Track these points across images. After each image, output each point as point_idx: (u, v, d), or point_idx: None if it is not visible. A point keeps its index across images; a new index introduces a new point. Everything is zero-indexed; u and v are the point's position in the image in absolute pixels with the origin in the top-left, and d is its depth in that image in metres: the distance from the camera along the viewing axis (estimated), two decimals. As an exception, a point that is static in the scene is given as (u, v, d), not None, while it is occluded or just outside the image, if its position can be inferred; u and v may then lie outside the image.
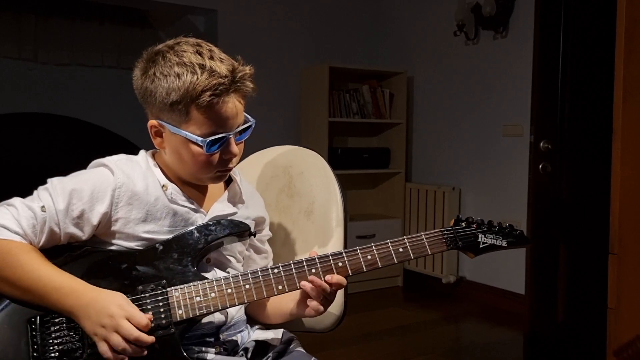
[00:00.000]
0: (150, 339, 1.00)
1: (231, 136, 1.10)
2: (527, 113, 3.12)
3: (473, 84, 3.86)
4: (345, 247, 1.33)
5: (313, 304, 1.10)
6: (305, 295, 1.12)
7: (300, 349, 1.25)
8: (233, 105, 1.08)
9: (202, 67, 1.05)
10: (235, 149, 1.11)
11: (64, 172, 1.12)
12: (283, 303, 1.21)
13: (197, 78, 1.04)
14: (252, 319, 1.28)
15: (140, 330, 1.00)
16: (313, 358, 1.22)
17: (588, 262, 2.62)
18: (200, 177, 1.14)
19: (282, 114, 4.19)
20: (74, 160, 1.37)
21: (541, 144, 2.60)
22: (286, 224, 1.41)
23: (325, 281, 1.09)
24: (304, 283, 1.08)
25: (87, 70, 4.87)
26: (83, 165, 1.16)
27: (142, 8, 4.53)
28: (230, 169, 1.16)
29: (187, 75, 1.05)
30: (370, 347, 2.96)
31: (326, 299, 1.10)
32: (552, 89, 2.64)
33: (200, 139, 1.07)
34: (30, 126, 4.39)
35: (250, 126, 1.14)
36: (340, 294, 1.30)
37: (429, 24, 4.17)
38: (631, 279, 1.77)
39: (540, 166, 2.60)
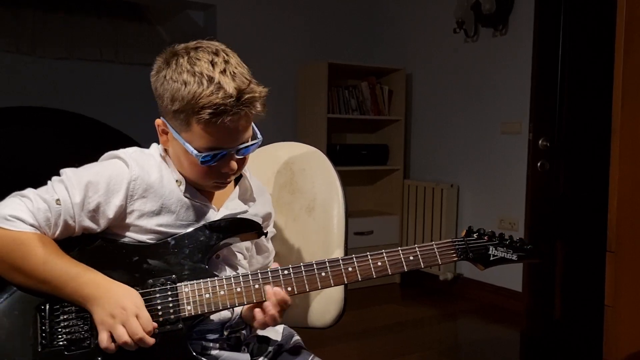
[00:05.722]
0: (152, 341, 1.00)
1: (232, 152, 1.08)
2: (526, 111, 3.12)
3: (472, 81, 3.86)
4: (346, 244, 1.34)
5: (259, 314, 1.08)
6: (259, 305, 1.10)
7: (301, 344, 1.26)
8: (236, 124, 1.05)
9: (210, 80, 1.02)
10: (234, 165, 1.09)
11: (62, 165, 1.11)
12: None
13: (202, 91, 1.01)
14: None
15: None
16: (312, 354, 1.23)
17: (585, 259, 2.63)
18: (199, 183, 1.14)
19: (280, 110, 4.19)
20: (72, 154, 1.36)
21: (540, 142, 2.61)
22: (287, 220, 1.41)
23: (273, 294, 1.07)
24: (267, 288, 1.07)
25: (85, 65, 4.85)
26: (81, 159, 1.15)
27: (141, 2, 4.51)
28: (229, 182, 1.15)
29: (193, 85, 1.02)
30: (368, 344, 2.97)
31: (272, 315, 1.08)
32: (551, 86, 2.65)
33: (195, 152, 1.06)
34: (28, 120, 4.37)
35: (255, 143, 1.12)
36: (340, 291, 1.30)
37: (428, 21, 4.17)
38: (628, 276, 1.78)
39: (539, 164, 2.61)
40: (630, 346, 1.77)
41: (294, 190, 1.41)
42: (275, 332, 1.24)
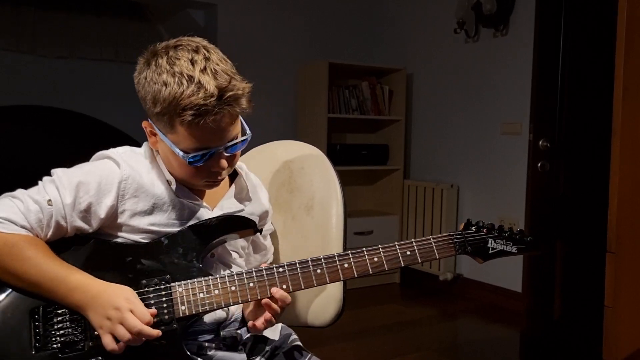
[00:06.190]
0: (155, 332, 0.99)
1: (220, 151, 1.06)
2: (526, 111, 3.12)
3: (472, 81, 3.86)
4: (344, 243, 1.33)
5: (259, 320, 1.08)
6: (256, 305, 1.10)
7: (298, 343, 1.26)
8: (219, 124, 1.02)
9: (190, 79, 1.00)
10: (224, 163, 1.07)
11: (62, 164, 1.10)
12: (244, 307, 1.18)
13: (183, 92, 0.99)
14: None
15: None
16: (310, 353, 1.23)
17: (585, 260, 2.63)
18: (190, 183, 1.13)
19: (280, 109, 4.19)
20: (71, 152, 1.36)
21: (540, 143, 2.60)
22: (286, 219, 1.40)
23: (271, 294, 1.06)
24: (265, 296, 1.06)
25: (85, 64, 4.85)
26: (81, 158, 1.15)
27: (142, 1, 4.51)
28: (221, 180, 1.14)
29: (173, 86, 1.00)
30: (367, 343, 2.97)
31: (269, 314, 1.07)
32: (552, 87, 2.65)
33: (182, 153, 1.04)
34: (28, 119, 4.38)
35: (244, 140, 1.10)
36: (339, 290, 1.30)
37: (429, 21, 4.17)
38: (628, 277, 1.78)
39: (539, 164, 2.61)
40: (630, 347, 1.76)
41: (293, 189, 1.41)
42: (273, 332, 1.24)
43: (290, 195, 1.41)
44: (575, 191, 2.70)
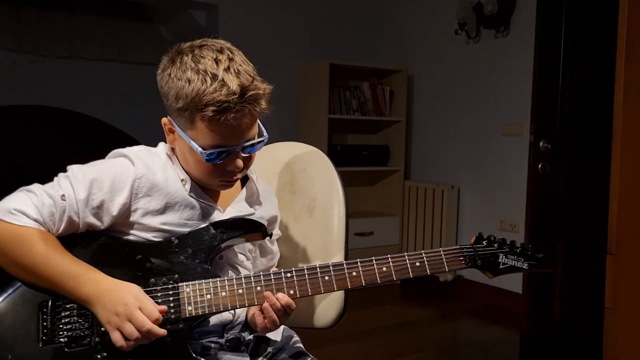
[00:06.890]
0: (162, 331, 1.00)
1: (237, 150, 1.08)
2: (527, 113, 3.12)
3: (473, 82, 3.86)
4: (346, 244, 1.34)
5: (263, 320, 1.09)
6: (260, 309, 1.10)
7: (300, 345, 1.26)
8: (239, 122, 1.05)
9: (214, 77, 1.03)
10: (240, 163, 1.09)
11: (62, 164, 1.11)
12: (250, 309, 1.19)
13: (206, 88, 1.02)
14: None
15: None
16: (311, 355, 1.23)
17: (586, 261, 2.63)
18: (205, 182, 1.14)
19: (281, 110, 4.19)
20: (72, 153, 1.36)
21: (541, 144, 2.61)
22: (288, 220, 1.41)
23: (276, 298, 1.07)
24: (268, 294, 1.07)
25: (87, 63, 4.85)
26: (81, 158, 1.15)
27: (143, 2, 4.52)
28: (235, 181, 1.15)
29: (196, 83, 1.03)
30: (368, 344, 2.97)
31: (271, 318, 1.08)
32: (553, 88, 2.65)
33: (200, 149, 1.06)
34: (29, 119, 4.38)
35: (262, 141, 1.12)
36: (340, 292, 1.30)
37: (430, 22, 4.18)
38: (629, 279, 1.78)
39: (540, 166, 2.61)
40: (630, 348, 1.76)
41: (295, 191, 1.41)
42: (275, 333, 1.24)
43: (292, 196, 1.41)
44: (576, 192, 2.70)
